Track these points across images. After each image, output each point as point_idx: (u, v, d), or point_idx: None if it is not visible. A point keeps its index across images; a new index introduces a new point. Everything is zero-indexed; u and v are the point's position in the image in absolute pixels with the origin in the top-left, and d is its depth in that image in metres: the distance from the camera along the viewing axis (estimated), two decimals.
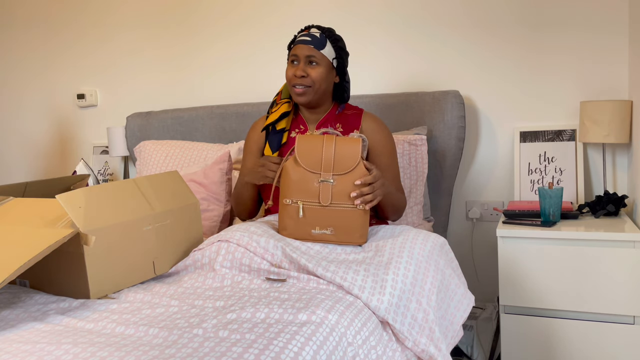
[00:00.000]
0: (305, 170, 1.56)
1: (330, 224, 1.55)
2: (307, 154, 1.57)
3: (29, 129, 3.25)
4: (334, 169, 1.55)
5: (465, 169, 2.39)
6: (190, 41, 2.79)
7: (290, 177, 1.56)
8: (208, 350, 0.99)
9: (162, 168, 2.41)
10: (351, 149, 1.57)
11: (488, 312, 2.25)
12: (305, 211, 1.55)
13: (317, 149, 1.57)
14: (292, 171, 1.57)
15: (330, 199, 1.54)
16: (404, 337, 1.29)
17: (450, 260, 1.61)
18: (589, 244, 1.78)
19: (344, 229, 1.55)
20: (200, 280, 1.41)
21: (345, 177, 1.55)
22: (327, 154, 1.56)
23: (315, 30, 1.77)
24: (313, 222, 1.55)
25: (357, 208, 1.54)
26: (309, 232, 1.55)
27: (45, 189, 1.86)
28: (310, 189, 1.55)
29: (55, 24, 3.09)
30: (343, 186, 1.55)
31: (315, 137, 1.59)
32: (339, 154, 1.56)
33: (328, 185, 1.54)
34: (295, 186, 1.55)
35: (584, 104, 2.05)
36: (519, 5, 2.24)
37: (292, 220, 1.55)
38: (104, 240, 1.35)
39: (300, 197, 1.55)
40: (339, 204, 1.54)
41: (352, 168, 1.55)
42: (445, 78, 2.37)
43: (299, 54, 1.74)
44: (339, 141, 1.58)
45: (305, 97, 1.75)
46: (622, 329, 1.76)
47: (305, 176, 1.56)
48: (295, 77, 1.74)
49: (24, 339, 1.09)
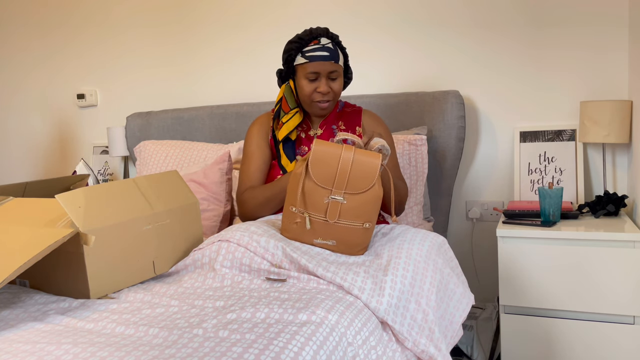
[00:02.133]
0: (316, 184, 1.47)
1: (333, 237, 1.50)
2: (322, 165, 1.47)
3: (29, 129, 3.25)
4: (347, 187, 1.46)
5: (465, 169, 2.39)
6: (191, 41, 2.79)
7: (300, 188, 1.47)
8: (208, 350, 0.99)
9: (162, 168, 2.41)
10: (369, 166, 1.45)
11: (488, 312, 2.25)
12: (312, 222, 1.50)
13: (333, 161, 1.45)
14: (306, 180, 1.48)
15: (338, 216, 1.47)
16: (404, 337, 1.29)
17: (449, 259, 1.60)
18: (589, 244, 1.78)
19: (347, 243, 1.50)
20: (200, 280, 1.41)
21: (357, 196, 1.47)
22: (342, 169, 1.45)
23: (326, 41, 1.73)
24: (316, 233, 1.50)
25: (362, 226, 1.48)
26: (311, 241, 1.52)
27: (45, 189, 1.85)
28: (318, 204, 1.48)
29: (55, 23, 3.09)
30: (353, 205, 1.47)
31: (333, 146, 1.47)
32: (355, 171, 1.45)
33: (337, 204, 1.46)
34: (303, 198, 1.48)
35: (584, 104, 2.05)
36: (519, 5, 2.24)
37: (296, 227, 1.51)
38: (104, 240, 1.35)
39: (307, 209, 1.49)
40: (345, 222, 1.48)
41: (366, 189, 1.45)
42: (445, 78, 2.37)
43: (321, 71, 1.71)
44: (358, 154, 1.46)
45: (328, 110, 1.79)
46: (622, 329, 1.76)
47: (315, 190, 1.47)
48: (320, 94, 1.73)
49: (24, 339, 1.09)
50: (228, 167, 2.19)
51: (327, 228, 1.49)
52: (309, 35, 1.74)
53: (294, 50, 1.74)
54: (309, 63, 1.71)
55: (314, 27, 1.97)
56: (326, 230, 1.49)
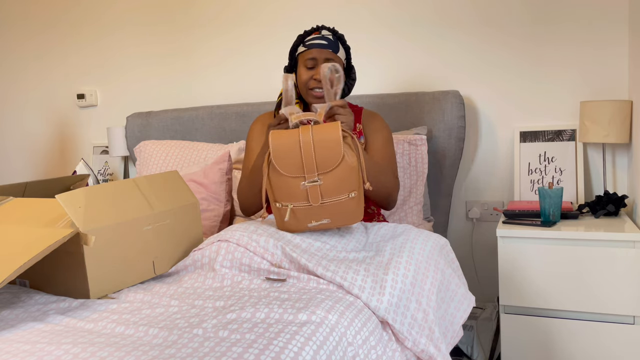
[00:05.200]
0: (288, 176, 1.48)
1: (325, 216, 1.51)
2: (285, 157, 1.46)
3: (29, 129, 3.25)
4: (318, 168, 1.46)
5: (465, 169, 2.39)
6: (191, 41, 2.79)
7: (274, 184, 1.49)
8: (208, 350, 0.99)
9: (162, 168, 2.41)
10: (331, 141, 1.44)
11: (488, 312, 2.25)
12: (297, 212, 1.51)
13: (294, 149, 1.45)
14: (275, 177, 1.49)
15: (321, 197, 1.48)
16: (404, 337, 1.29)
17: (451, 261, 1.61)
18: (589, 244, 1.78)
19: (340, 216, 1.52)
20: (200, 280, 1.41)
21: (331, 173, 1.47)
22: (306, 154, 1.45)
23: (327, 32, 1.78)
24: (307, 218, 1.52)
25: (349, 197, 1.47)
26: (305, 227, 1.54)
27: (45, 189, 1.85)
28: (297, 193, 1.48)
29: (54, 23, 3.09)
30: (331, 181, 1.47)
31: (290, 134, 1.46)
32: (320, 150, 1.45)
33: (315, 186, 1.47)
34: (280, 191, 1.49)
35: (584, 104, 2.05)
36: (519, 5, 2.24)
37: (287, 221, 1.53)
38: (104, 240, 1.35)
39: (289, 201, 1.50)
40: (331, 199, 1.48)
41: (337, 164, 1.46)
42: (445, 78, 2.37)
43: (318, 57, 1.74)
44: (316, 133, 1.45)
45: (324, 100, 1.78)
46: (622, 329, 1.76)
47: (288, 181, 1.48)
48: (315, 81, 1.75)
49: (24, 339, 1.09)
50: (228, 167, 2.19)
51: (316, 211, 1.51)
52: (313, 28, 1.81)
53: (297, 41, 1.81)
54: (307, 50, 1.77)
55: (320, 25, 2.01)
56: (316, 214, 1.51)
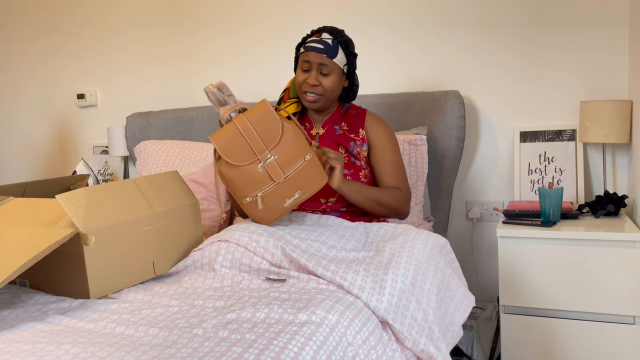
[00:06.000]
0: (242, 166, 1.53)
1: (294, 188, 1.55)
2: (233, 149, 1.52)
3: (29, 129, 3.25)
4: (266, 145, 1.53)
5: (465, 169, 2.39)
6: (191, 41, 2.79)
7: (234, 180, 1.54)
8: (208, 350, 0.99)
9: (162, 168, 2.41)
10: (264, 114, 1.53)
11: (488, 312, 2.25)
12: (268, 197, 1.55)
13: (238, 139, 1.52)
14: (233, 173, 1.54)
15: (282, 172, 1.53)
16: (404, 337, 1.29)
17: (451, 261, 1.61)
18: (589, 244, 1.78)
19: (307, 183, 1.55)
20: (200, 280, 1.41)
21: (280, 145, 1.53)
22: (250, 136, 1.52)
23: (327, 36, 1.75)
24: (280, 198, 1.55)
25: (305, 160, 1.54)
26: (281, 209, 1.57)
27: (45, 189, 1.85)
28: (259, 178, 1.53)
29: (54, 23, 3.09)
30: (284, 152, 1.53)
31: (227, 129, 1.53)
32: (259, 128, 1.52)
33: (273, 163, 1.53)
34: (244, 183, 1.54)
35: (584, 104, 2.05)
36: (519, 5, 2.24)
37: (262, 212, 1.56)
38: (104, 240, 1.35)
39: (256, 189, 1.54)
40: (291, 169, 1.54)
41: (280, 135, 1.53)
42: (445, 78, 2.37)
43: (312, 61, 1.73)
44: (250, 117, 1.53)
45: (317, 105, 1.78)
46: (622, 329, 1.76)
47: (246, 171, 1.53)
48: (307, 85, 1.75)
49: (24, 339, 1.09)
50: None
51: (285, 187, 1.55)
52: (315, 30, 1.81)
53: (301, 41, 1.82)
54: (304, 52, 1.77)
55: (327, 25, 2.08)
56: (286, 190, 1.55)
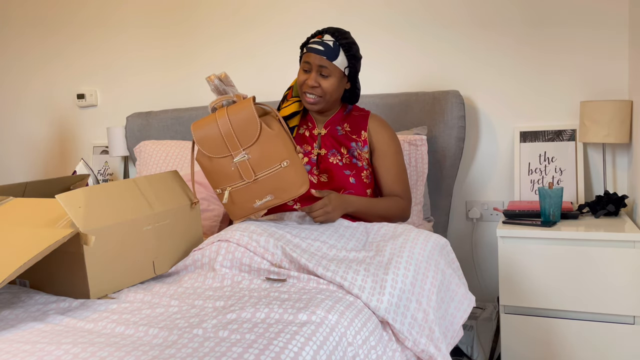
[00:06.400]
0: (215, 158, 1.53)
1: (267, 191, 1.54)
2: (208, 140, 1.53)
3: (29, 129, 3.25)
4: (241, 143, 1.52)
5: (465, 169, 2.39)
6: (191, 41, 2.79)
7: (208, 169, 1.55)
8: (208, 351, 0.99)
9: (162, 168, 2.41)
10: (245, 114, 1.51)
11: (488, 312, 2.25)
12: (236, 193, 1.54)
13: (214, 131, 1.52)
14: (206, 163, 1.55)
15: (253, 172, 1.53)
16: (404, 337, 1.29)
17: (451, 261, 1.61)
18: (589, 244, 1.78)
19: (281, 188, 1.54)
20: (200, 280, 1.41)
21: (255, 145, 1.53)
22: (226, 132, 1.52)
23: (329, 38, 1.75)
24: (250, 197, 1.55)
25: (281, 166, 1.52)
26: (251, 208, 1.56)
27: (45, 189, 1.85)
28: (230, 173, 1.54)
29: (55, 23, 3.09)
30: (259, 154, 1.53)
31: (207, 121, 1.54)
32: (237, 126, 1.52)
33: (245, 162, 1.53)
34: (216, 175, 1.54)
35: (584, 104, 2.05)
36: (519, 5, 2.24)
37: (231, 206, 1.57)
38: (104, 240, 1.35)
39: (226, 183, 1.55)
40: (264, 172, 1.53)
41: (258, 134, 1.51)
42: (445, 78, 2.37)
43: (312, 63, 1.74)
44: (231, 112, 1.52)
45: (317, 107, 1.79)
46: (622, 329, 1.76)
47: (219, 163, 1.54)
48: (307, 86, 1.76)
49: (24, 339, 1.09)
50: None
51: (256, 188, 1.54)
52: (318, 31, 1.81)
53: (305, 42, 1.82)
54: (305, 53, 1.78)
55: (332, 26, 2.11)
56: (256, 191, 1.54)
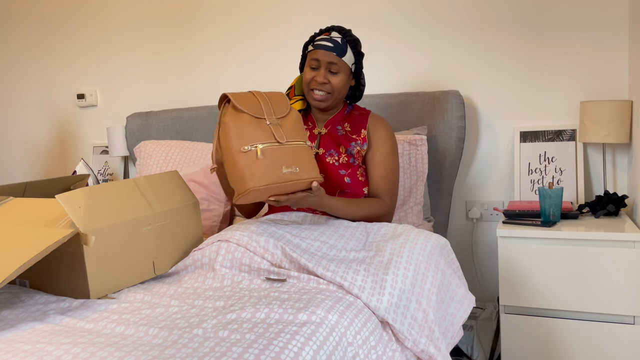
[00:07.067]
0: (251, 116, 1.52)
1: (293, 162, 1.52)
2: (244, 100, 1.55)
3: (29, 129, 3.25)
4: (275, 112, 1.56)
5: (465, 169, 2.38)
6: (191, 41, 2.79)
7: (239, 126, 1.49)
8: (208, 351, 0.99)
9: (162, 168, 2.41)
10: (276, 94, 1.61)
11: (488, 312, 2.25)
12: (267, 152, 1.48)
13: (252, 99, 1.56)
14: (237, 120, 1.50)
15: (285, 137, 1.53)
16: (404, 337, 1.29)
17: (451, 261, 1.61)
18: (589, 244, 1.78)
19: (305, 165, 1.53)
20: (200, 280, 1.41)
21: (286, 119, 1.57)
22: (262, 99, 1.57)
23: (337, 35, 1.77)
24: (279, 162, 1.49)
25: (306, 145, 1.57)
26: (279, 173, 1.48)
27: (45, 189, 1.85)
28: (263, 132, 1.51)
29: (55, 23, 3.09)
30: (288, 125, 1.56)
31: (244, 93, 1.59)
32: (271, 98, 1.59)
33: (278, 127, 1.54)
34: (247, 133, 1.48)
35: (584, 104, 2.05)
36: (519, 5, 2.24)
37: (257, 166, 1.44)
38: (104, 240, 1.35)
39: (256, 141, 1.48)
40: (292, 141, 1.54)
41: (287, 111, 1.58)
42: (445, 78, 2.37)
43: (321, 60, 1.75)
44: (265, 93, 1.61)
45: (325, 103, 1.79)
46: (622, 329, 1.76)
47: (253, 121, 1.51)
48: (316, 82, 1.76)
49: (24, 339, 1.09)
50: None
51: (284, 153, 1.50)
52: (324, 29, 1.81)
53: (309, 40, 1.83)
54: (313, 50, 1.77)
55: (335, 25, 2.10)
56: (284, 156, 1.50)
